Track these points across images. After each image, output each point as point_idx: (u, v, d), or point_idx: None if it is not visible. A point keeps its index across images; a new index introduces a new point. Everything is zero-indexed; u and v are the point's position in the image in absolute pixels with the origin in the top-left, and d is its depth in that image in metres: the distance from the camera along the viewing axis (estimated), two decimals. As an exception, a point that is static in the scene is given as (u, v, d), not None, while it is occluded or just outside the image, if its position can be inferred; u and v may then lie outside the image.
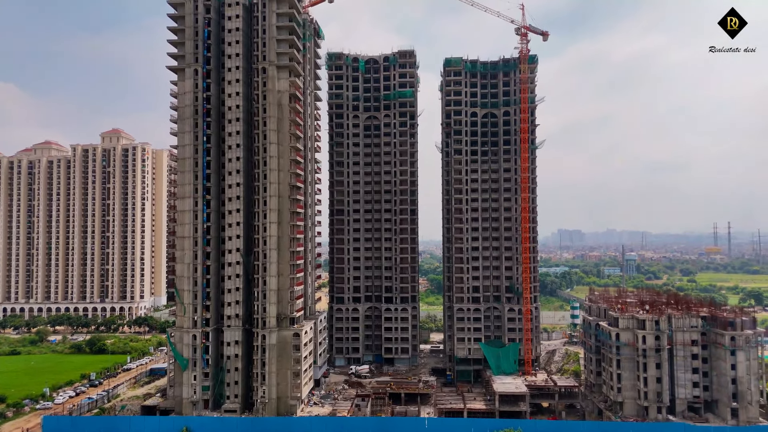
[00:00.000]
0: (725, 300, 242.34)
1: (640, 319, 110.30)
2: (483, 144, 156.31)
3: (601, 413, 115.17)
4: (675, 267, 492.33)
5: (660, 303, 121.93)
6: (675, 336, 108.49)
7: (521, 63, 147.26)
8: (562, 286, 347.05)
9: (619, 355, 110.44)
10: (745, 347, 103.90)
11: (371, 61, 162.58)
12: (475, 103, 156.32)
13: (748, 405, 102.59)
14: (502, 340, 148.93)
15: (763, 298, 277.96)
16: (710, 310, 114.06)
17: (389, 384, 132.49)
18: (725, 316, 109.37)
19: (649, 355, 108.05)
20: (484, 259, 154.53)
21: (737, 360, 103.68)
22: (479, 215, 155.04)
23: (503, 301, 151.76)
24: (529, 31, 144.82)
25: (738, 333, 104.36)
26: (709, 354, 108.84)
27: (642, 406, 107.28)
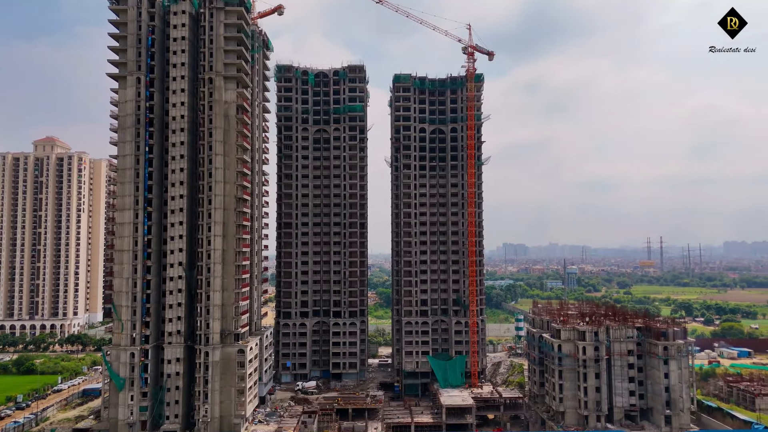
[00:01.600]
0: (658, 311, 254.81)
1: (580, 330, 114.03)
2: (431, 159, 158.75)
3: (544, 423, 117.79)
4: (613, 280, 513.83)
5: (599, 315, 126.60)
6: (613, 346, 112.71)
7: (468, 81, 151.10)
8: (507, 299, 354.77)
9: (561, 366, 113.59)
10: (677, 356, 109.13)
11: (321, 75, 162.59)
12: (423, 119, 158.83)
13: (680, 412, 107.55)
14: (449, 353, 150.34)
15: (692, 309, 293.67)
16: (645, 322, 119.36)
17: (337, 400, 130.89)
18: (658, 327, 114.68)
19: (589, 365, 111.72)
20: (432, 272, 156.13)
21: (670, 369, 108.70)
22: (427, 229, 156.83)
23: (450, 314, 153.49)
24: (476, 50, 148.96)
25: (670, 343, 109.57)
26: (644, 363, 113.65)
27: (582, 415, 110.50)
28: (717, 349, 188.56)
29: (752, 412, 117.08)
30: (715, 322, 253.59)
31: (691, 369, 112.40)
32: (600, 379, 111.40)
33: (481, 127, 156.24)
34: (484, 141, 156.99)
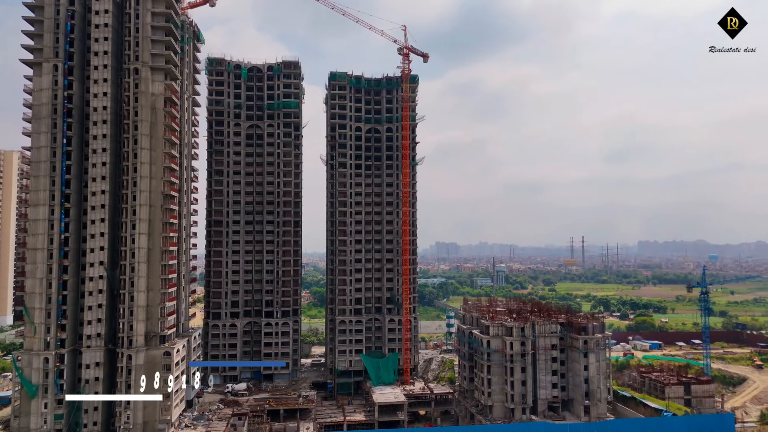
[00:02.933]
0: (580, 307, 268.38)
1: (508, 326, 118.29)
2: (367, 158, 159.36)
3: (473, 417, 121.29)
4: (538, 277, 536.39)
5: (526, 311, 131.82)
6: (538, 342, 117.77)
7: (403, 82, 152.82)
8: (439, 297, 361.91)
9: (490, 361, 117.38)
10: (596, 350, 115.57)
11: (255, 70, 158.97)
12: (359, 118, 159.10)
13: (598, 402, 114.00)
14: (382, 350, 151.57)
15: (610, 304, 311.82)
16: (567, 317, 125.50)
17: (268, 401, 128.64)
18: (579, 322, 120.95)
19: (516, 360, 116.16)
20: (366, 271, 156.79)
21: (589, 362, 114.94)
22: (363, 228, 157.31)
23: (384, 312, 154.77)
24: (411, 52, 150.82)
25: (590, 337, 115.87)
26: (566, 357, 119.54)
27: (509, 408, 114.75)
28: (631, 342, 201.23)
29: (662, 400, 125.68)
30: (630, 317, 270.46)
31: (608, 361, 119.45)
32: (526, 373, 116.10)
33: (415, 127, 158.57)
34: (419, 141, 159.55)
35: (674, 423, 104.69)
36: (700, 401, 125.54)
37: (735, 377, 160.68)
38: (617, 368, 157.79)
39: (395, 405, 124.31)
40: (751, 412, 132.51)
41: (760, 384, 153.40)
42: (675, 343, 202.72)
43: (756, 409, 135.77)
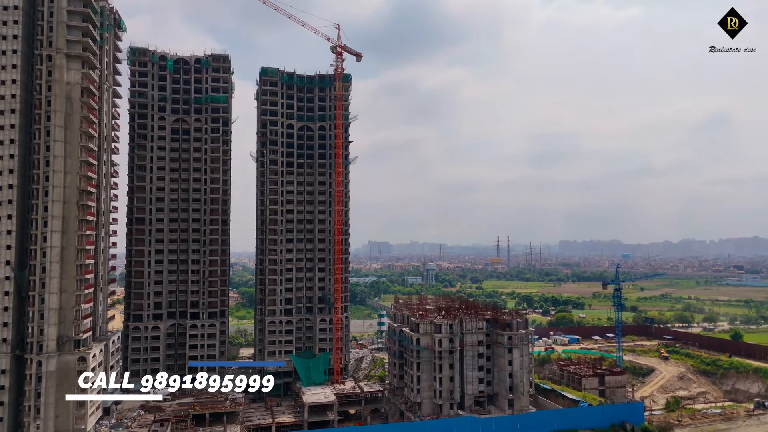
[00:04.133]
0: (505, 304, 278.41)
1: (437, 324, 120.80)
2: (299, 156, 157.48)
3: (402, 414, 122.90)
4: (467, 276, 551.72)
5: (454, 308, 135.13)
6: (465, 338, 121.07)
7: (336, 80, 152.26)
8: (371, 295, 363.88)
9: (419, 359, 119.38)
10: (520, 345, 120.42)
11: (181, 62, 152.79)
12: (291, 115, 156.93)
13: (521, 395, 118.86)
14: (313, 350, 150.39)
15: (533, 301, 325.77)
16: (493, 314, 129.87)
17: (193, 405, 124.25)
18: (504, 318, 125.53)
19: (444, 356, 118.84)
20: (298, 270, 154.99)
21: (513, 357, 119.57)
22: (294, 227, 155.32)
23: (315, 311, 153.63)
24: (344, 50, 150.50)
25: (514, 333, 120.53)
26: (491, 352, 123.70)
27: (437, 404, 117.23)
28: (552, 336, 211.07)
29: (579, 391, 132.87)
30: (552, 313, 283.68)
31: (530, 356, 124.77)
32: (454, 369, 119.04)
33: (349, 126, 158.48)
34: (352, 140, 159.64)
35: (590, 412, 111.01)
36: (613, 391, 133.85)
37: (644, 368, 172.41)
38: (539, 362, 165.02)
39: (325, 405, 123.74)
40: (658, 401, 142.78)
41: (666, 374, 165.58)
42: (591, 337, 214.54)
43: (662, 397, 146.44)
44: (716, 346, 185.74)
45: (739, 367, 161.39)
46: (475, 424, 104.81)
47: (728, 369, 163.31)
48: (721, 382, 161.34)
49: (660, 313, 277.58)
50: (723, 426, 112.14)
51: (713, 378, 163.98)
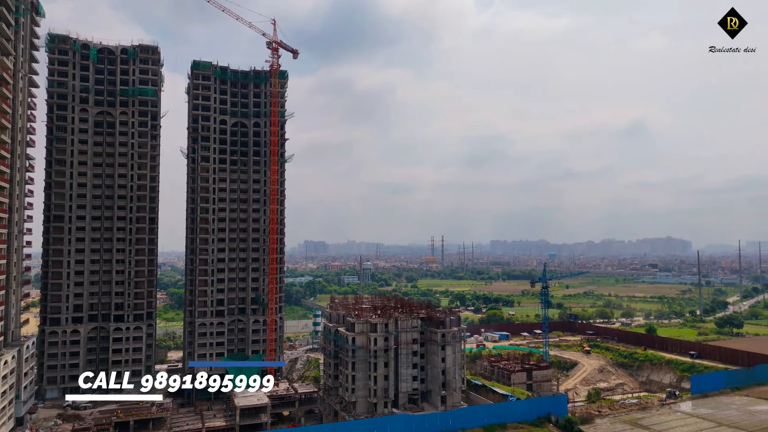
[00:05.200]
0: (439, 302, 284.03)
1: (372, 323, 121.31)
2: (232, 153, 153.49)
3: (336, 414, 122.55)
4: (402, 275, 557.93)
5: (389, 307, 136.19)
6: (400, 336, 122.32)
7: (272, 77, 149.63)
8: (306, 296, 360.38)
9: (355, 358, 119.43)
10: (452, 342, 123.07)
11: (106, 51, 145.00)
12: (224, 111, 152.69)
13: (454, 392, 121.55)
14: (245, 352, 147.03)
15: (465, 299, 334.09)
16: (427, 312, 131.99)
17: (116, 412, 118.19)
18: (438, 316, 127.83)
19: (380, 355, 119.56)
20: (230, 270, 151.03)
21: (446, 354, 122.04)
22: (226, 226, 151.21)
23: (248, 312, 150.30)
24: (281, 46, 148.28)
25: (447, 330, 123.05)
26: (425, 350, 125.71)
27: (372, 403, 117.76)
28: (483, 333, 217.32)
29: (509, 386, 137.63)
30: (483, 310, 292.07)
31: (463, 353, 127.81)
32: (389, 367, 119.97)
33: (284, 123, 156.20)
34: (288, 138, 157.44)
35: (518, 406, 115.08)
36: (540, 385, 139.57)
37: (568, 362, 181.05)
38: (471, 359, 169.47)
39: (258, 408, 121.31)
40: (581, 393, 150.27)
41: (588, 367, 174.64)
42: (520, 333, 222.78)
43: (584, 389, 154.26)
44: (633, 340, 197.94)
45: (653, 360, 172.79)
46: (408, 421, 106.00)
47: (643, 361, 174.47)
48: (637, 374, 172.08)
49: (583, 309, 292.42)
50: (638, 415, 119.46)
51: (630, 370, 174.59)
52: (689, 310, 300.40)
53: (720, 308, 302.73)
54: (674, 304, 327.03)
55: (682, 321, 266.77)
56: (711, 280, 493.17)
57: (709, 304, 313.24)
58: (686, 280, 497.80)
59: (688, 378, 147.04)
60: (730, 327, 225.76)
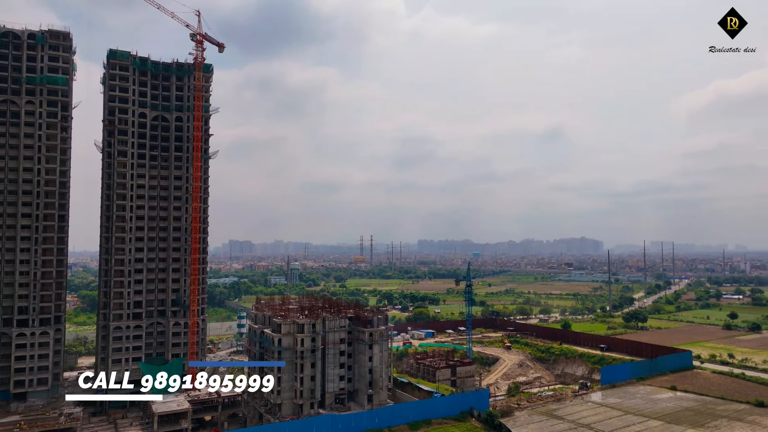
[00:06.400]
0: (367, 302, 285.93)
1: (299, 323, 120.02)
2: (152, 148, 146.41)
3: (261, 417, 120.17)
4: (331, 274, 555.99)
5: (317, 307, 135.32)
6: (328, 336, 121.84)
7: (196, 70, 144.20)
8: (230, 297, 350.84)
9: (280, 359, 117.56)
10: (380, 341, 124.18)
11: (10, 35, 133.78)
12: (144, 104, 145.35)
13: (380, 390, 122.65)
14: (165, 356, 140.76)
15: (393, 298, 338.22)
16: (355, 311, 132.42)
17: (19, 424, 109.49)
18: (366, 315, 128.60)
19: (306, 356, 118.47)
20: (149, 271, 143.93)
21: (373, 353, 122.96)
22: (145, 224, 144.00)
23: (169, 315, 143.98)
24: (205, 39, 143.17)
25: (374, 329, 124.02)
26: (353, 350, 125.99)
27: (298, 404, 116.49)
28: (410, 331, 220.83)
29: (433, 383, 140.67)
30: (410, 309, 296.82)
31: (390, 351, 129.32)
32: (315, 368, 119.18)
33: (209, 119, 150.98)
34: (213, 134, 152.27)
35: (442, 402, 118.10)
36: (463, 381, 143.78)
37: (490, 357, 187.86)
38: (397, 357, 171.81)
39: (178, 413, 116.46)
40: (502, 387, 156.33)
41: (509, 362, 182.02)
42: (445, 330, 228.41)
43: (505, 383, 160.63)
44: (550, 335, 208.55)
45: (567, 353, 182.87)
46: (334, 421, 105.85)
47: (559, 355, 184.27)
48: (553, 367, 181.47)
49: (504, 306, 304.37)
50: (554, 406, 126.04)
51: (547, 364, 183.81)
52: (600, 306, 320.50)
53: (627, 304, 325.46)
54: (587, 300, 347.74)
55: (594, 316, 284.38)
56: (620, 277, 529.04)
57: (618, 300, 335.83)
58: (598, 277, 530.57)
59: (598, 370, 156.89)
60: (635, 321, 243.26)
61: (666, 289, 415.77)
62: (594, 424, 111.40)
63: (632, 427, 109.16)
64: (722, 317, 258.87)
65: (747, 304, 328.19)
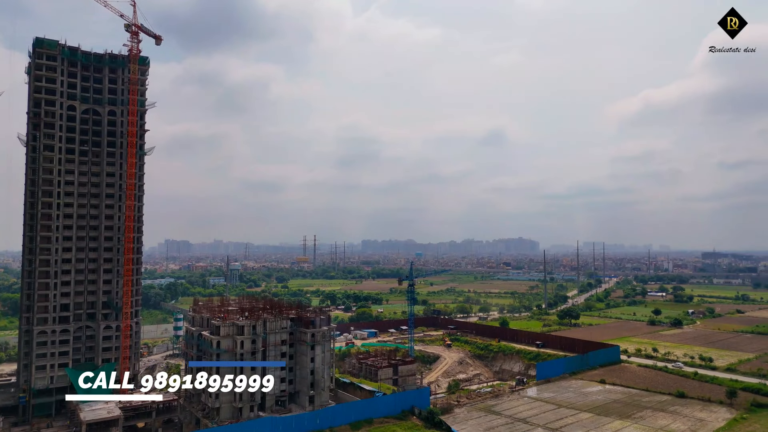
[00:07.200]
0: (309, 302, 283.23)
1: (239, 325, 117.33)
2: (82, 143, 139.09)
3: (198, 422, 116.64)
4: (272, 275, 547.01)
5: (258, 309, 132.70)
6: (269, 338, 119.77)
7: (131, 62, 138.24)
8: (166, 298, 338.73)
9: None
10: (322, 342, 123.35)
11: None
12: (74, 96, 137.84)
13: (322, 391, 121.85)
14: (95, 361, 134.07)
15: (336, 298, 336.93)
16: (297, 312, 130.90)
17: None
18: (308, 316, 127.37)
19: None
20: (78, 272, 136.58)
21: (315, 353, 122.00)
22: (74, 223, 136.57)
23: (99, 318, 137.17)
24: (141, 30, 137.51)
25: (317, 330, 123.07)
26: (295, 351, 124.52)
27: (237, 407, 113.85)
28: (353, 331, 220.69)
29: (376, 382, 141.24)
30: (353, 309, 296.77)
31: (332, 351, 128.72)
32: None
33: (145, 113, 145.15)
34: (149, 129, 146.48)
35: (383, 402, 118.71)
36: (405, 380, 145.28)
37: (431, 356, 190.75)
38: (340, 357, 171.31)
39: (108, 421, 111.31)
40: (442, 385, 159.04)
41: (449, 360, 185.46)
42: (388, 330, 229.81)
43: (446, 381, 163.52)
44: (489, 333, 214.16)
45: (505, 350, 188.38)
46: (275, 423, 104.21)
47: (497, 352, 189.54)
48: (492, 364, 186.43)
49: (446, 305, 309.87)
50: (492, 402, 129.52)
51: (486, 361, 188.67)
52: (536, 304, 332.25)
53: (561, 302, 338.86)
54: (524, 298, 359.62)
55: (531, 314, 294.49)
56: (555, 276, 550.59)
57: (553, 298, 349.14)
58: (534, 276, 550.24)
59: (534, 366, 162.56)
60: (569, 318, 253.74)
61: (597, 288, 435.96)
62: (529, 419, 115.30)
63: (565, 420, 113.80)
64: (647, 314, 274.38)
65: (669, 301, 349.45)
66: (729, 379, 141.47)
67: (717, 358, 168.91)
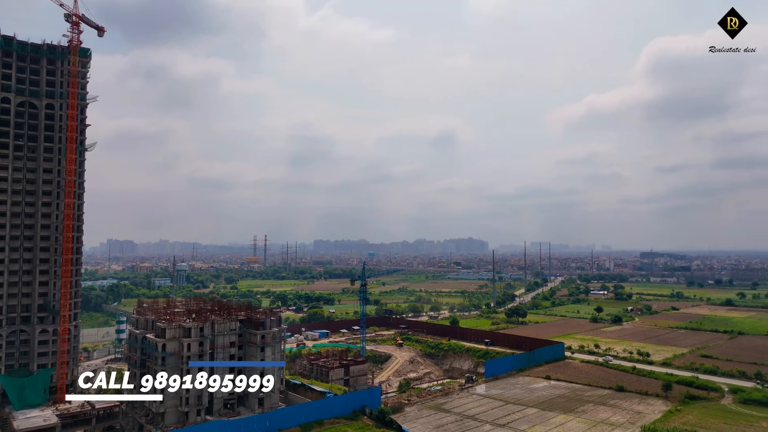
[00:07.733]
0: (260, 303, 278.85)
1: (186, 327, 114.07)
2: (17, 137, 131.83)
3: (142, 428, 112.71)
4: (221, 276, 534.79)
5: (206, 310, 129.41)
6: (217, 340, 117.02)
7: (71, 54, 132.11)
8: (109, 300, 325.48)
9: (164, 366, 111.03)
10: (272, 343, 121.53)
11: None
12: (8, 88, 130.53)
13: (272, 393, 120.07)
14: (29, 367, 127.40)
15: (287, 299, 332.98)
16: (247, 314, 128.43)
17: None
18: (258, 317, 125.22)
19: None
20: (11, 273, 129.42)
21: (265, 355, 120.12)
22: (7, 221, 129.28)
23: (34, 322, 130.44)
24: (82, 21, 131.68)
25: (267, 332, 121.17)
26: (244, 353, 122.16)
27: (183, 412, 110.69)
28: (304, 332, 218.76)
29: (327, 383, 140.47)
30: (304, 310, 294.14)
31: (282, 353, 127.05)
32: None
33: (86, 108, 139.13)
34: (90, 124, 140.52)
35: (334, 402, 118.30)
36: (356, 380, 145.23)
37: (383, 355, 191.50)
38: (291, 358, 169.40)
39: (44, 429, 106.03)
40: (393, 384, 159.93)
41: (400, 359, 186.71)
42: (340, 330, 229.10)
43: (397, 380, 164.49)
44: (439, 332, 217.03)
45: (455, 349, 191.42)
46: (223, 427, 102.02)
47: (447, 351, 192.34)
48: (442, 363, 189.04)
49: (397, 305, 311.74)
50: (442, 400, 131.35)
51: (436, 359, 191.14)
52: (485, 303, 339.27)
53: (509, 300, 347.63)
54: (474, 297, 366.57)
55: (480, 312, 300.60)
56: (503, 275, 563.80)
57: (501, 297, 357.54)
58: (484, 276, 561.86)
59: (483, 363, 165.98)
60: (516, 316, 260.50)
61: (543, 286, 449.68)
62: (478, 415, 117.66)
63: (512, 416, 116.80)
64: (590, 311, 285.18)
65: (611, 299, 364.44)
66: (665, 373, 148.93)
67: (654, 353, 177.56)
